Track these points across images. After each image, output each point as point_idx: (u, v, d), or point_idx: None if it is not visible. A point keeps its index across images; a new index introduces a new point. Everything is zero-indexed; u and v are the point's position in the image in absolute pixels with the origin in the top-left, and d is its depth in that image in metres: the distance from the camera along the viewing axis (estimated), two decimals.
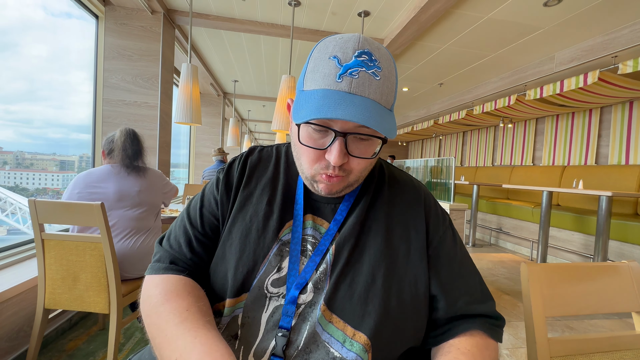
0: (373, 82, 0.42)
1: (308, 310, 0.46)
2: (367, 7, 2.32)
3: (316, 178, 0.47)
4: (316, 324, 0.44)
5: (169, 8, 2.42)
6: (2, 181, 2.88)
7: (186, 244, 0.53)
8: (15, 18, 1.97)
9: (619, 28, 2.49)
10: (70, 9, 2.14)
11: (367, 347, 0.43)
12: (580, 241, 3.21)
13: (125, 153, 1.50)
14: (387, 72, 0.44)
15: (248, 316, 0.47)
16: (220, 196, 0.54)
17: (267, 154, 0.59)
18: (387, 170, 0.58)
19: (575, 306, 0.65)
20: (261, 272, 0.48)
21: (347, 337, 0.43)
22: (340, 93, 0.41)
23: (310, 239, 0.51)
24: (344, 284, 0.46)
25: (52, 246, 1.26)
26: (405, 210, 0.53)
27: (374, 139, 0.45)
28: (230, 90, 4.95)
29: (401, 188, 0.56)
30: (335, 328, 0.44)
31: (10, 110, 2.10)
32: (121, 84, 2.29)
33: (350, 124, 0.42)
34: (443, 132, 6.55)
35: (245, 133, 8.77)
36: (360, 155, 0.45)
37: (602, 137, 3.67)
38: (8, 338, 1.32)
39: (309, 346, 0.43)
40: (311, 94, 0.43)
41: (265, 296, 0.47)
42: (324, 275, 0.47)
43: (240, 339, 0.46)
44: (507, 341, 1.80)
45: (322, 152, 0.45)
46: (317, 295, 0.46)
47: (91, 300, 1.28)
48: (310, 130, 0.44)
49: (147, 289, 0.49)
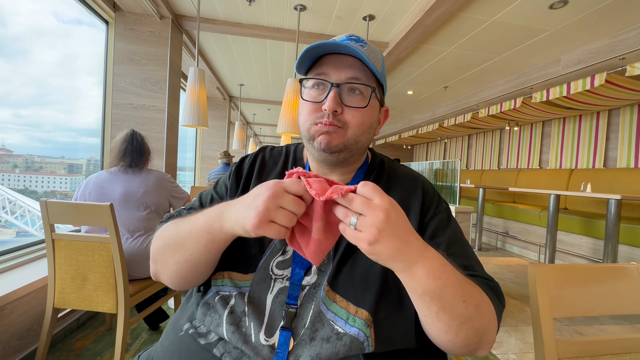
0: (360, 48, 0.51)
1: (313, 292, 0.49)
2: (372, 11, 2.34)
3: (313, 131, 0.52)
4: (320, 304, 0.47)
5: (177, 13, 2.47)
6: (13, 184, 2.93)
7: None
8: (27, 25, 2.03)
9: (626, 30, 2.47)
10: (80, 15, 2.20)
11: (368, 322, 0.45)
12: (589, 245, 3.16)
13: (124, 154, 1.53)
14: (372, 48, 0.54)
15: (254, 296, 0.50)
16: (230, 184, 0.60)
17: (278, 152, 0.64)
18: (388, 164, 0.63)
19: (583, 307, 0.64)
20: (267, 254, 0.52)
21: (349, 314, 0.46)
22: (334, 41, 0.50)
23: None
24: (345, 266, 0.49)
25: (62, 246, 1.28)
26: (403, 196, 0.56)
27: (366, 94, 0.51)
28: (236, 93, 5.00)
29: (400, 177, 0.60)
30: (338, 307, 0.47)
31: (21, 115, 2.14)
32: (130, 87, 2.33)
33: (342, 74, 0.50)
34: (448, 135, 6.52)
35: (250, 136, 8.83)
36: (353, 105, 0.51)
37: (611, 140, 3.63)
38: (19, 336, 1.35)
39: (315, 324, 0.46)
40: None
41: (270, 277, 0.50)
42: (327, 259, 0.51)
43: (248, 316, 0.48)
44: (515, 346, 1.78)
45: (319, 105, 0.51)
46: (321, 277, 0.50)
47: (99, 299, 1.30)
48: (310, 87, 0.53)
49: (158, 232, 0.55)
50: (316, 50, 0.50)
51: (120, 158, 1.53)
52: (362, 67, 0.51)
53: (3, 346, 1.28)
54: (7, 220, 3.11)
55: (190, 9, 2.41)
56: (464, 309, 0.41)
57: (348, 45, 0.48)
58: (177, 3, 2.34)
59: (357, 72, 0.51)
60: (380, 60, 0.54)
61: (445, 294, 0.40)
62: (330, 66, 0.51)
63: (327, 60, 0.52)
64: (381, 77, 0.54)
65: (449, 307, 0.40)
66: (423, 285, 0.39)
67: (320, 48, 0.50)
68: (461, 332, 0.42)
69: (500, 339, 1.85)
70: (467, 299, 0.41)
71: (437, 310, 0.40)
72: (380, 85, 0.55)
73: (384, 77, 0.56)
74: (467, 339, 0.42)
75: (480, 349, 0.45)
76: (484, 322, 0.43)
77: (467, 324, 0.42)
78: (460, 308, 0.41)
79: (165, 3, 2.22)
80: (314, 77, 0.52)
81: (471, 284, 0.45)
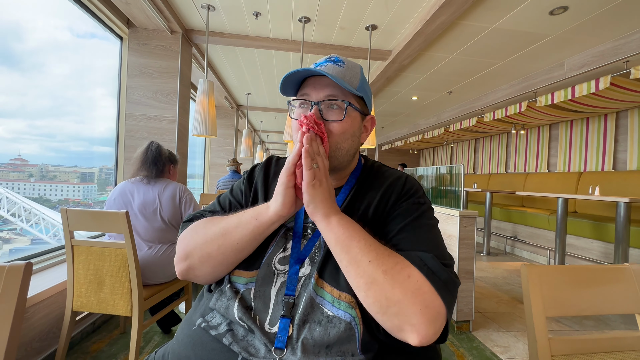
0: (337, 68, 0.59)
1: (307, 282, 0.55)
2: (374, 21, 2.40)
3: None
4: (311, 291, 0.53)
5: (187, 28, 2.58)
6: (28, 192, 3.05)
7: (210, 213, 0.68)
8: (43, 39, 2.15)
9: (630, 33, 2.48)
10: (94, 29, 2.31)
11: (352, 304, 0.51)
12: (599, 249, 3.12)
13: (141, 165, 1.60)
14: (350, 66, 0.61)
15: (259, 290, 0.56)
16: (244, 188, 0.70)
17: (283, 162, 0.72)
18: (377, 166, 0.70)
19: (577, 307, 0.67)
20: (270, 251, 0.59)
21: (334, 298, 0.52)
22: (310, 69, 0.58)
23: (311, 224, 0.62)
24: (332, 257, 0.54)
25: (80, 252, 1.35)
26: (384, 190, 0.61)
27: (342, 108, 0.58)
28: (243, 102, 5.11)
29: (385, 175, 0.66)
30: (325, 292, 0.53)
31: (36, 126, 2.25)
32: (142, 99, 2.44)
33: (321, 93, 0.58)
34: (454, 139, 6.51)
35: (257, 144, 8.96)
36: (332, 118, 0.58)
37: (619, 142, 3.59)
38: (39, 338, 1.42)
39: (307, 309, 0.52)
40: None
41: (273, 273, 0.57)
42: (318, 251, 0.58)
43: (254, 309, 0.55)
44: (523, 350, 1.77)
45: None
46: (313, 268, 0.56)
47: (115, 303, 1.36)
48: (297, 107, 0.62)
49: (188, 232, 0.62)
50: (295, 76, 0.59)
51: (139, 169, 1.61)
52: (338, 86, 0.58)
53: (25, 348, 1.34)
54: (22, 228, 3.23)
55: (199, 23, 2.51)
56: (369, 267, 0.47)
57: (312, 70, 0.57)
58: (187, 18, 2.45)
59: (333, 90, 0.58)
60: (357, 75, 0.61)
61: (352, 246, 0.49)
62: (311, 87, 0.60)
63: (308, 82, 0.60)
64: (360, 90, 0.60)
65: (355, 262, 0.48)
66: (335, 232, 0.51)
67: (300, 74, 0.58)
68: (369, 292, 0.46)
69: (507, 343, 1.85)
70: (373, 259, 0.47)
71: (346, 264, 0.49)
72: (360, 97, 0.62)
73: (364, 89, 0.62)
74: (378, 305, 0.45)
75: (404, 330, 0.44)
76: (398, 293, 0.44)
77: (374, 286, 0.46)
78: (365, 266, 0.47)
79: (176, 18, 2.33)
80: (298, 98, 0.61)
81: (388, 252, 0.49)
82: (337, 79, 0.55)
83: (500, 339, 1.90)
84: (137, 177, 1.61)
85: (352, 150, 0.62)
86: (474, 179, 6.01)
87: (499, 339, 1.89)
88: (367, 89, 0.64)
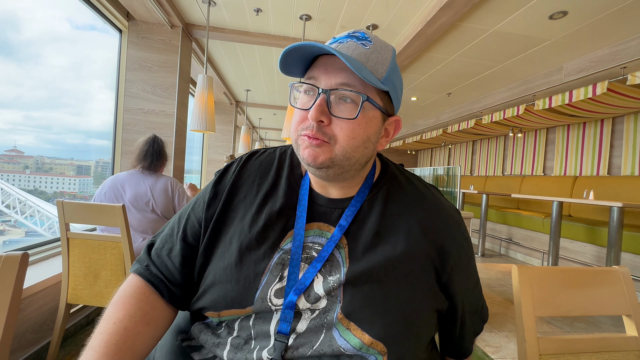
0: (360, 48, 0.44)
1: (322, 317, 0.45)
2: (375, 20, 2.40)
3: (299, 141, 0.46)
4: (333, 330, 0.44)
5: (188, 22, 2.56)
6: (23, 184, 3.03)
7: (167, 252, 0.53)
8: (40, 30, 2.13)
9: (628, 39, 2.50)
10: (94, 21, 2.30)
11: (382, 352, 0.43)
12: (592, 253, 3.15)
13: (144, 156, 1.61)
14: (378, 47, 0.45)
15: (259, 319, 0.47)
16: (209, 198, 0.53)
17: (268, 159, 0.56)
18: (402, 176, 0.55)
19: (566, 307, 0.68)
20: (262, 283, 0.46)
21: (363, 344, 0.43)
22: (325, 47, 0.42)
23: (316, 246, 0.49)
24: (360, 295, 0.45)
25: (76, 244, 1.35)
26: (424, 221, 0.49)
27: (358, 103, 0.43)
28: (242, 98, 5.10)
29: (419, 196, 0.52)
30: (352, 335, 0.43)
31: (32, 117, 2.23)
32: (141, 93, 2.43)
33: (333, 79, 0.43)
34: (452, 141, 6.54)
35: (256, 140, 8.94)
36: (341, 115, 0.43)
37: (615, 148, 3.63)
38: (33, 330, 1.41)
39: (324, 349, 0.43)
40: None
41: (270, 309, 0.45)
42: (337, 284, 0.46)
43: (255, 339, 0.46)
44: (514, 351, 1.79)
45: (307, 113, 0.44)
46: (332, 303, 0.45)
47: (110, 296, 1.35)
48: (302, 92, 0.46)
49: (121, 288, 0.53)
50: (302, 51, 0.43)
51: (141, 159, 1.61)
52: (352, 57, 0.43)
53: (18, 339, 1.34)
54: (16, 220, 3.21)
55: (200, 18, 2.50)
56: None
57: (323, 47, 0.41)
58: (188, 13, 2.44)
59: (349, 78, 0.43)
60: (387, 61, 0.45)
61: None
62: (322, 69, 0.44)
63: (319, 63, 0.45)
64: (386, 82, 0.45)
65: None
66: None
67: (307, 49, 0.43)
68: None
69: (499, 343, 1.87)
70: None
71: None
72: (385, 92, 0.46)
73: (392, 81, 0.46)
74: None
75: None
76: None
77: None
78: None
79: (176, 13, 2.32)
80: (303, 82, 0.46)
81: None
82: (356, 64, 0.41)
83: (492, 339, 1.92)
84: (135, 169, 1.62)
85: (363, 159, 0.47)
86: (470, 181, 6.05)
87: (491, 339, 1.92)
88: (395, 82, 0.47)
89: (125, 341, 0.43)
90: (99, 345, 0.42)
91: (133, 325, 0.45)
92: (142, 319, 0.46)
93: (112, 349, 0.42)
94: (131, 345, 0.43)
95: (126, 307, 0.47)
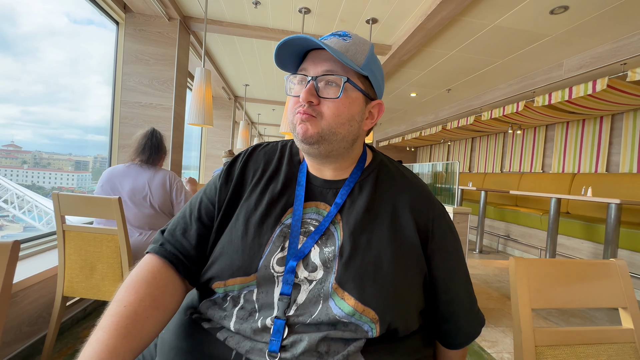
0: (341, 42, 0.53)
1: (320, 287, 0.50)
2: (375, 14, 2.38)
3: (295, 120, 0.53)
4: (329, 299, 0.49)
5: (185, 15, 2.54)
6: (21, 179, 3.01)
7: (181, 231, 0.57)
8: (38, 24, 2.10)
9: (628, 35, 2.49)
10: (92, 15, 2.27)
11: (374, 320, 0.48)
12: (589, 249, 3.17)
13: (143, 149, 1.59)
14: (357, 41, 0.54)
15: (262, 291, 0.51)
16: (220, 185, 0.59)
17: (272, 150, 0.64)
18: (392, 165, 0.62)
19: (562, 300, 0.68)
20: (266, 252, 0.52)
21: (356, 312, 0.48)
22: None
23: (314, 222, 0.55)
24: (353, 266, 0.50)
25: (72, 237, 1.34)
26: (412, 203, 0.56)
27: (340, 85, 0.52)
28: (241, 93, 5.07)
29: (407, 184, 0.59)
30: (346, 304, 0.48)
31: (29, 112, 2.21)
32: (138, 86, 2.40)
33: (319, 68, 0.52)
34: (451, 137, 6.53)
35: (255, 136, 8.91)
36: (327, 96, 0.52)
37: (613, 145, 3.63)
38: (29, 323, 1.41)
39: (321, 317, 0.48)
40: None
41: (273, 276, 0.51)
42: (332, 256, 0.51)
43: (259, 311, 0.50)
44: (510, 345, 1.80)
45: (299, 98, 0.53)
46: (327, 274, 0.50)
47: (106, 289, 1.36)
48: (296, 83, 0.56)
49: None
50: (293, 47, 0.52)
51: (139, 153, 1.59)
52: (339, 60, 0.52)
53: (14, 332, 1.34)
54: (14, 215, 3.19)
55: (197, 10, 2.48)
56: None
57: (309, 38, 0.49)
58: (185, 5, 2.41)
59: (332, 65, 0.52)
60: (364, 52, 0.54)
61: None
62: (310, 62, 0.53)
63: (308, 57, 0.54)
64: (365, 68, 0.53)
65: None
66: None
67: (295, 44, 0.51)
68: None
69: (495, 338, 1.88)
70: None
71: None
72: (365, 77, 0.54)
73: (371, 68, 0.55)
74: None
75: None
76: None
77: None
78: None
79: (173, 5, 2.29)
80: (296, 73, 0.55)
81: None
82: (337, 52, 0.49)
83: (489, 333, 1.93)
84: (133, 162, 1.60)
85: (349, 137, 0.54)
86: (469, 178, 6.05)
87: (487, 334, 1.93)
88: (375, 70, 0.55)
89: (135, 325, 0.45)
90: (109, 326, 0.44)
91: (143, 309, 0.47)
92: (151, 304, 0.49)
93: (121, 331, 0.44)
94: (140, 329, 0.46)
95: (138, 291, 0.49)
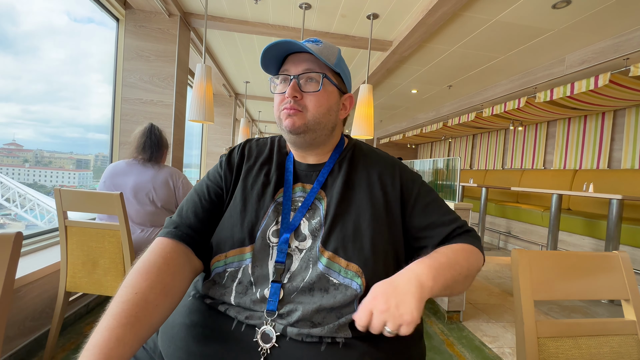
0: (315, 46, 0.62)
1: (309, 254, 0.57)
2: (376, 9, 2.37)
3: (282, 116, 0.61)
4: (318, 262, 0.56)
5: (186, 11, 2.53)
6: (23, 178, 3.01)
7: (192, 212, 0.62)
8: (38, 23, 2.09)
9: (631, 30, 2.47)
10: (92, 13, 2.26)
11: (359, 273, 0.55)
12: (590, 246, 3.16)
13: (143, 148, 1.58)
14: (328, 46, 0.64)
15: (257, 265, 0.57)
16: (224, 172, 0.67)
17: (263, 142, 0.73)
18: (365, 147, 0.72)
19: (564, 292, 0.68)
20: (263, 224, 0.60)
21: (342, 268, 0.55)
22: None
23: (300, 198, 0.64)
24: (336, 229, 0.58)
25: (74, 232, 1.35)
26: (382, 172, 0.65)
27: (319, 80, 0.61)
28: (241, 91, 5.06)
29: (377, 157, 0.69)
30: (331, 262, 0.55)
31: (30, 111, 2.20)
32: (139, 83, 2.40)
33: (299, 67, 0.61)
34: (452, 134, 6.52)
35: (255, 134, 8.91)
36: (309, 90, 0.61)
37: (615, 141, 3.61)
38: (32, 318, 1.42)
39: (313, 280, 0.54)
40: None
41: (268, 245, 0.58)
42: (319, 225, 0.59)
43: (255, 284, 0.56)
44: (511, 340, 1.81)
45: (284, 95, 0.61)
46: (314, 242, 0.58)
47: (109, 284, 1.37)
48: (279, 83, 0.64)
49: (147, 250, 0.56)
50: (275, 51, 0.61)
51: (140, 151, 1.58)
52: (315, 61, 0.61)
53: (18, 327, 1.35)
54: (16, 213, 3.20)
55: (198, 6, 2.46)
56: (464, 280, 0.57)
57: (293, 42, 0.58)
58: (186, 1, 2.40)
59: (311, 64, 0.61)
60: (335, 54, 0.64)
61: (450, 285, 0.54)
62: (291, 63, 0.62)
63: (289, 59, 0.63)
64: (336, 66, 0.63)
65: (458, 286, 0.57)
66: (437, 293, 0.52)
67: (279, 48, 0.60)
68: (467, 285, 0.60)
69: (496, 333, 1.88)
70: (462, 272, 0.56)
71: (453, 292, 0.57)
72: (337, 74, 0.65)
73: (341, 67, 0.65)
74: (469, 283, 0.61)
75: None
76: (474, 267, 0.60)
77: (468, 279, 0.59)
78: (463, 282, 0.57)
79: (174, 1, 2.28)
80: (279, 74, 0.63)
81: (457, 259, 0.57)
82: (315, 53, 0.59)
83: (490, 329, 1.94)
84: (135, 159, 1.60)
85: (329, 125, 0.64)
86: (470, 175, 6.04)
87: (488, 329, 1.93)
88: (344, 68, 0.67)
89: (145, 313, 0.46)
90: (119, 314, 0.44)
91: (154, 297, 0.48)
92: (161, 290, 0.50)
93: (131, 320, 0.44)
94: (149, 317, 0.47)
95: (150, 277, 0.50)
